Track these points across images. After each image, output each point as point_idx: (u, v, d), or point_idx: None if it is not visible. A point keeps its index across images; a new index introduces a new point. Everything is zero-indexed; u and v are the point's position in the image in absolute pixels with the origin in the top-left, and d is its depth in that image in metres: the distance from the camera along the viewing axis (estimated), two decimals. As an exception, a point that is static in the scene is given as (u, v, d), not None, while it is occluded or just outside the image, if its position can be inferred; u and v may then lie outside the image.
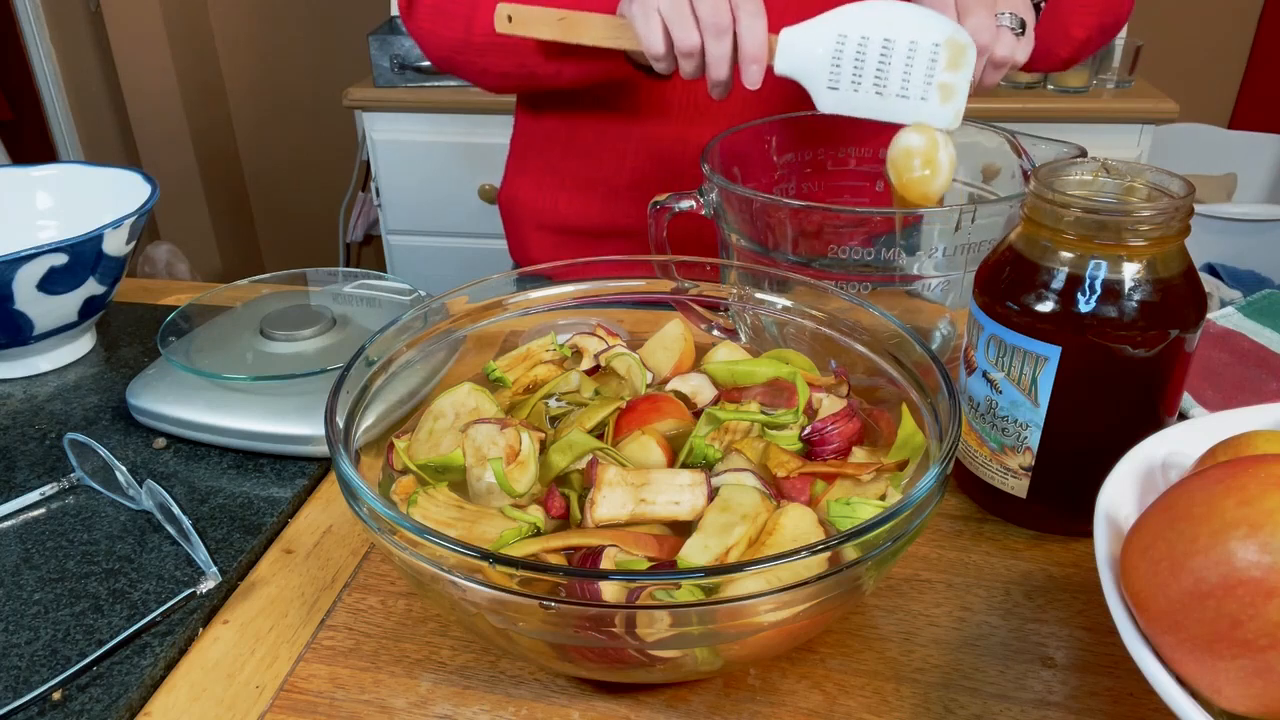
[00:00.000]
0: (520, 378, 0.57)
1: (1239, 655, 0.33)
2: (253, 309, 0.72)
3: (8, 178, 0.82)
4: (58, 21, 2.47)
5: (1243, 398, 0.63)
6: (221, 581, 0.52)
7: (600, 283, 0.59)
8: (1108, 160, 0.51)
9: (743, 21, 0.67)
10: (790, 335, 0.59)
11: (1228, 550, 0.34)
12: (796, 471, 0.47)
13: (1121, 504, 0.43)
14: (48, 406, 0.70)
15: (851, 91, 0.68)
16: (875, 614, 0.49)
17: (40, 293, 0.68)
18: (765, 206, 0.64)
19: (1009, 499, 0.54)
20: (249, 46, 2.52)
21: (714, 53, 0.69)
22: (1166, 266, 0.47)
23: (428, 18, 0.87)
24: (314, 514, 0.59)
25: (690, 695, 0.45)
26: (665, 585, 0.37)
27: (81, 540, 0.56)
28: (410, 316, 0.54)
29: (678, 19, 0.69)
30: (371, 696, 0.45)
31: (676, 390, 0.54)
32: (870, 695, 0.45)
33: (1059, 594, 0.51)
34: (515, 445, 0.48)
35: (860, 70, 0.67)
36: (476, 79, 0.90)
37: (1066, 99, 1.83)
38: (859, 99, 0.68)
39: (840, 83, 0.68)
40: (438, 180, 2.05)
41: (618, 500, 0.45)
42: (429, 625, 0.50)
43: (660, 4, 0.69)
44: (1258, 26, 2.15)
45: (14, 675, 0.46)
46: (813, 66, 0.68)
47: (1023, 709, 0.44)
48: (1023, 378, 0.50)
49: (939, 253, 0.61)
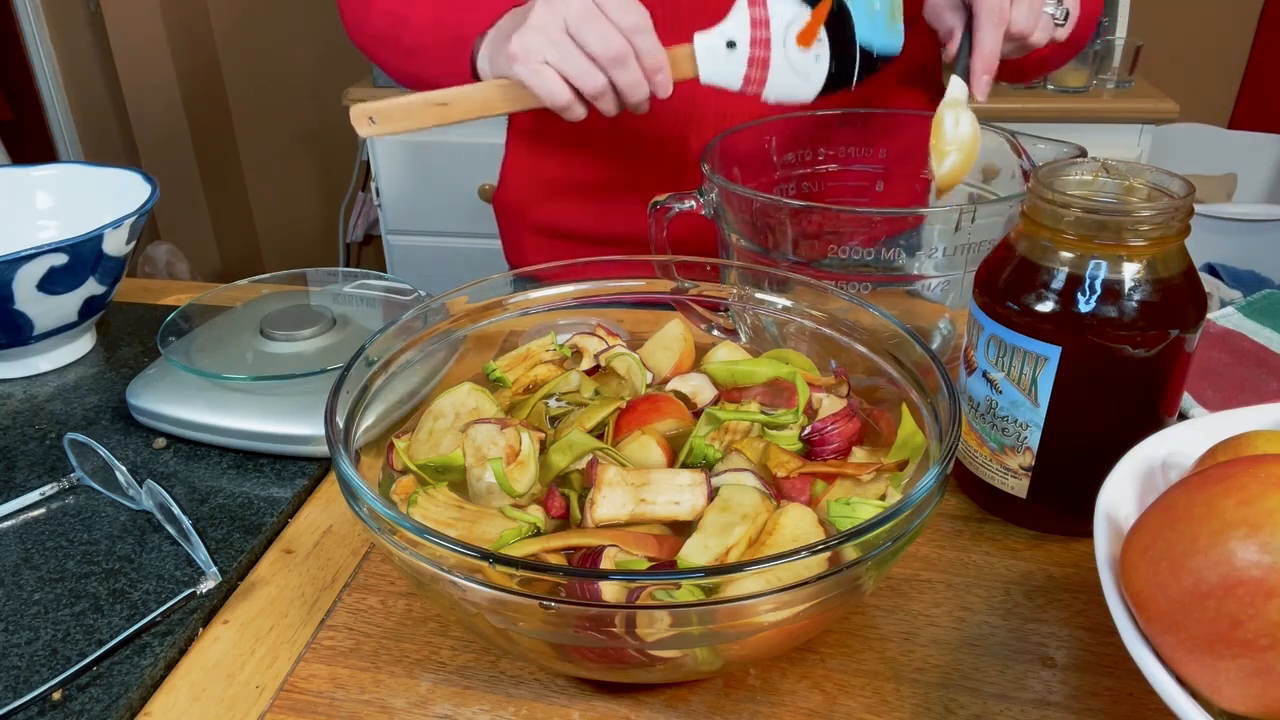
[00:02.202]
0: (520, 378, 0.57)
1: (1239, 655, 0.33)
2: (253, 309, 0.72)
3: (8, 178, 0.82)
4: (58, 21, 2.47)
5: (1243, 398, 0.63)
6: (221, 581, 0.52)
7: (600, 283, 0.59)
8: (1108, 160, 0.51)
9: (638, 44, 0.64)
10: (790, 335, 0.59)
11: (1228, 550, 0.34)
12: (796, 471, 0.47)
13: (1121, 504, 0.43)
14: (48, 406, 0.70)
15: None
16: (875, 614, 0.49)
17: (40, 293, 0.68)
18: (765, 206, 0.64)
19: (1009, 499, 0.54)
20: (249, 46, 2.52)
21: (623, 81, 0.65)
22: (1166, 266, 0.47)
23: (364, 40, 0.87)
24: (314, 514, 0.59)
25: (690, 695, 0.45)
26: (665, 585, 0.37)
27: (81, 540, 0.56)
28: (410, 316, 0.54)
29: (572, 63, 0.65)
30: (371, 696, 0.45)
31: (676, 390, 0.54)
32: (870, 695, 0.45)
33: (1059, 594, 0.51)
34: (515, 445, 0.48)
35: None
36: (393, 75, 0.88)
37: (1066, 99, 1.83)
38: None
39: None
40: (438, 180, 2.05)
41: (618, 500, 0.45)
42: (429, 625, 0.50)
43: (546, 55, 0.65)
44: (1258, 26, 2.15)
45: (14, 675, 0.46)
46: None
47: (1023, 709, 0.44)
48: (1023, 378, 0.50)
49: (939, 253, 0.61)
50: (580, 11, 0.64)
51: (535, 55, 0.65)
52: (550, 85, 0.66)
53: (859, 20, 0.63)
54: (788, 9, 0.63)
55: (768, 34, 0.63)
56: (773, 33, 0.63)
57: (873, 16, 0.63)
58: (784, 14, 0.63)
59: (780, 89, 0.65)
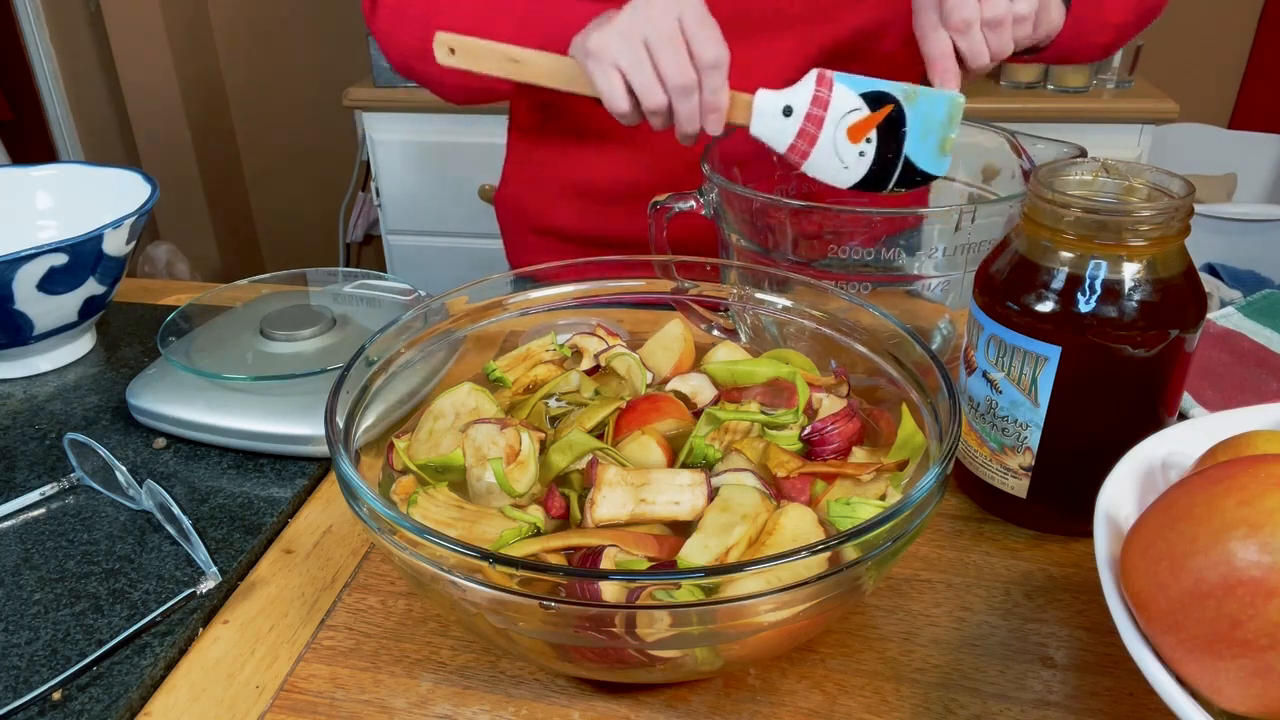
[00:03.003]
0: (520, 378, 0.57)
1: (1239, 655, 0.33)
2: (253, 309, 0.72)
3: (8, 178, 0.82)
4: (58, 21, 2.47)
5: (1243, 398, 0.63)
6: (221, 581, 0.52)
7: (600, 283, 0.59)
8: (1108, 160, 0.51)
9: (706, 80, 0.66)
10: (790, 335, 0.59)
11: (1228, 550, 0.34)
12: (796, 471, 0.47)
13: (1121, 504, 0.43)
14: (48, 406, 0.70)
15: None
16: (875, 614, 0.49)
17: (40, 293, 0.68)
18: (765, 206, 0.64)
19: (1009, 499, 0.54)
20: (249, 46, 2.52)
21: (682, 111, 0.67)
22: (1166, 266, 0.47)
23: (388, 19, 0.86)
24: (314, 514, 0.59)
25: (690, 695, 0.45)
26: (665, 585, 0.37)
27: (81, 540, 0.56)
28: (410, 316, 0.54)
29: (641, 79, 0.67)
30: (371, 696, 0.45)
31: (676, 390, 0.54)
32: (870, 695, 0.45)
33: (1059, 594, 0.51)
34: (515, 445, 0.48)
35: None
36: (436, 88, 0.89)
37: (1066, 99, 1.83)
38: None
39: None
40: (438, 180, 2.05)
41: (618, 500, 0.45)
42: (429, 625, 0.50)
43: (619, 60, 0.67)
44: (1258, 26, 2.15)
45: (14, 675, 0.46)
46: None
47: (1023, 709, 0.44)
48: (1023, 378, 0.50)
49: (939, 253, 0.61)
50: (665, 33, 0.66)
51: (609, 57, 0.67)
52: (614, 90, 0.68)
53: (911, 136, 0.66)
54: (849, 101, 0.66)
55: (823, 114, 0.66)
56: (828, 115, 0.66)
57: (925, 139, 0.66)
58: (844, 104, 0.66)
59: (819, 167, 0.68)
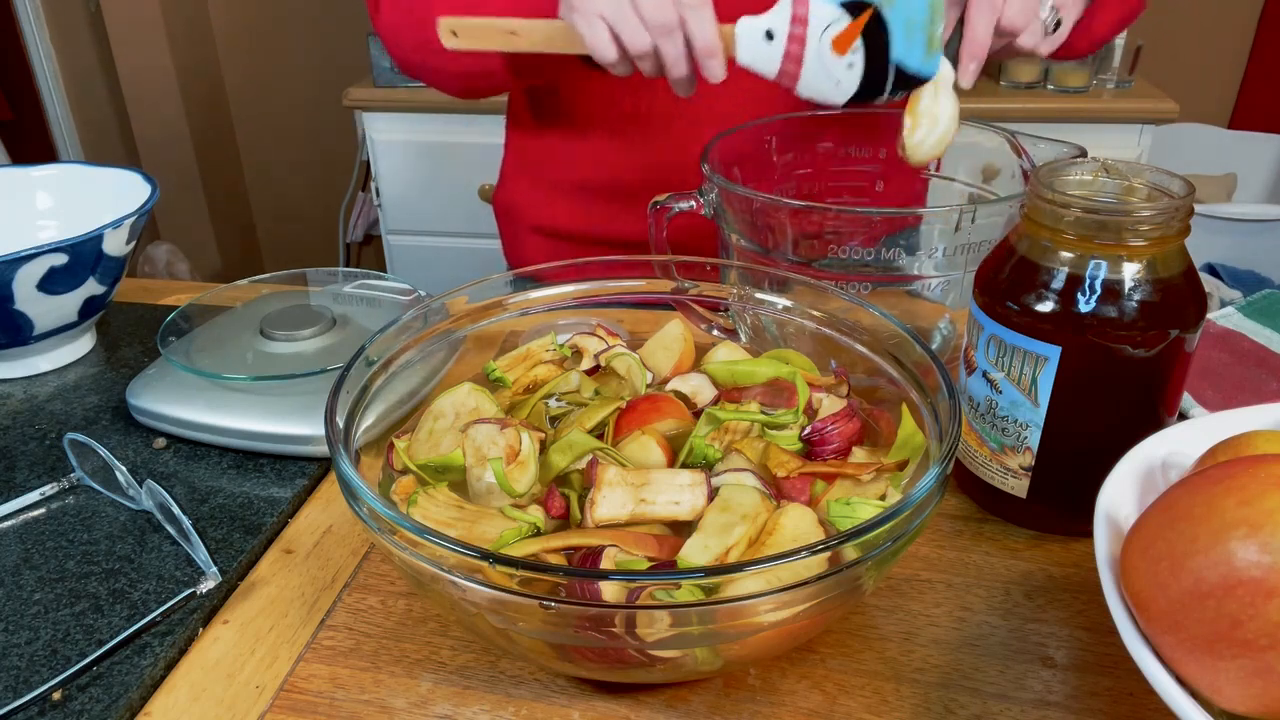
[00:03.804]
0: (520, 378, 0.57)
1: (1239, 655, 0.33)
2: (253, 309, 0.72)
3: (8, 178, 0.82)
4: (58, 21, 2.47)
5: (1243, 398, 0.63)
6: (221, 581, 0.52)
7: (600, 283, 0.59)
8: (1108, 160, 0.51)
9: (689, 17, 0.66)
10: (790, 335, 0.59)
11: (1228, 550, 0.34)
12: (796, 471, 0.47)
13: (1121, 504, 0.43)
14: (48, 406, 0.70)
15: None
16: (875, 614, 0.49)
17: (40, 293, 0.68)
18: (765, 206, 0.64)
19: (1009, 499, 0.54)
20: (249, 46, 2.52)
21: (668, 52, 0.67)
22: (1166, 266, 0.47)
23: (391, 12, 0.87)
24: (314, 514, 0.59)
25: (690, 695, 0.45)
26: (665, 585, 0.37)
27: (81, 540, 0.56)
28: (410, 316, 0.54)
29: (623, 22, 0.67)
30: (371, 696, 0.45)
31: (676, 390, 0.54)
32: (870, 695, 0.45)
33: (1059, 594, 0.51)
34: (515, 445, 0.48)
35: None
36: (437, 81, 0.89)
37: (1066, 99, 1.83)
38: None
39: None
40: (438, 180, 2.05)
41: (618, 500, 0.45)
42: (429, 625, 0.50)
43: (602, 8, 0.67)
44: (1258, 26, 2.15)
45: (14, 675, 0.46)
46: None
47: (1023, 709, 0.44)
48: (1023, 378, 0.50)
49: (939, 253, 0.61)
50: None
51: (592, 8, 0.68)
52: (599, 38, 0.68)
53: (896, 39, 0.64)
54: (827, 12, 0.64)
55: (804, 31, 0.65)
56: (809, 32, 0.65)
57: (911, 39, 0.64)
58: (823, 16, 0.64)
59: (813, 88, 0.67)
